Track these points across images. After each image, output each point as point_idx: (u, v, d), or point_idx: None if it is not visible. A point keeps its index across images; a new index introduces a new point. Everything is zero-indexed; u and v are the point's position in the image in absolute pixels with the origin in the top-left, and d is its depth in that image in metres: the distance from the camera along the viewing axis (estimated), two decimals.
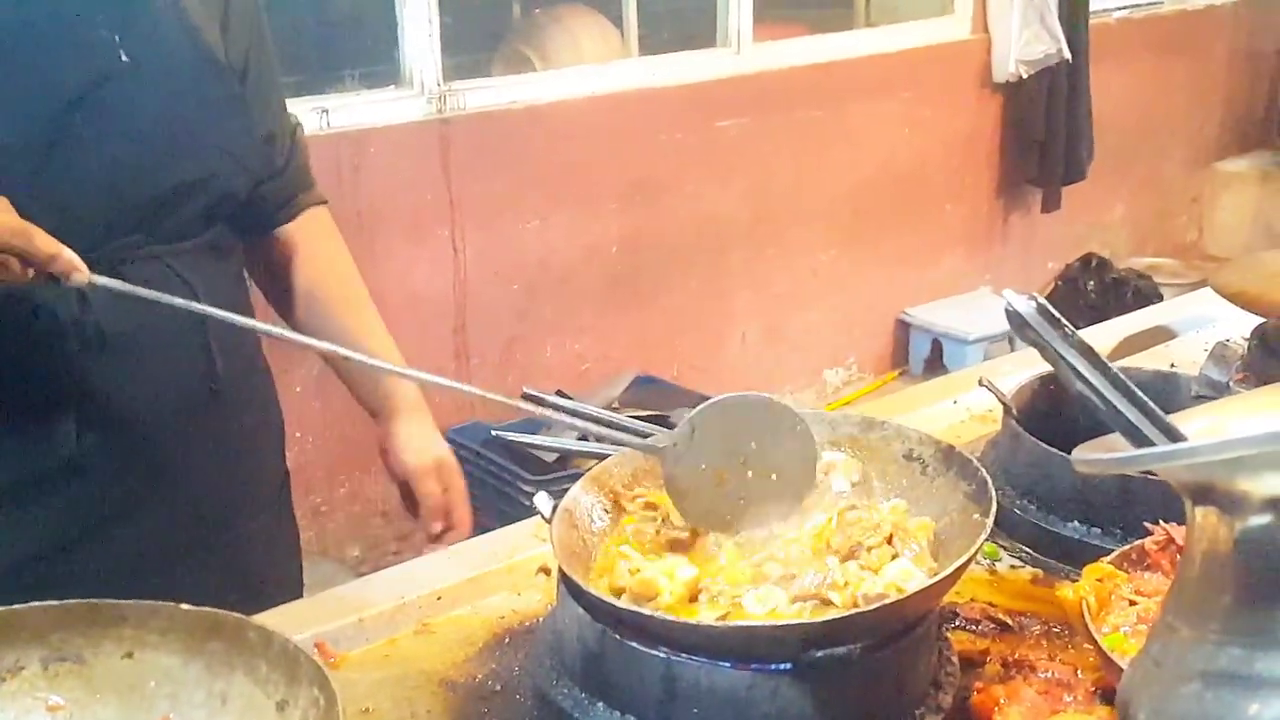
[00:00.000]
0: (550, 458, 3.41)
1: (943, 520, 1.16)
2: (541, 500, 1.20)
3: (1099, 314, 4.74)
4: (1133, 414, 0.64)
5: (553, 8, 4.03)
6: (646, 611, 1.04)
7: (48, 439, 1.24)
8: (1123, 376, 0.66)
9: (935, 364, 4.62)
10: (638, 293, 3.90)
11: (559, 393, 3.60)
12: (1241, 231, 5.51)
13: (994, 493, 1.12)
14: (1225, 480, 0.59)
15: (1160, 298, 4.74)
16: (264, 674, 0.98)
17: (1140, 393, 0.65)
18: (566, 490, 1.21)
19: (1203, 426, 0.73)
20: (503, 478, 3.33)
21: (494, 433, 1.51)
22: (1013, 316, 0.65)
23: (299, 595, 1.54)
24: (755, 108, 4.04)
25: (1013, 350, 4.59)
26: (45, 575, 1.24)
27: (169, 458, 1.31)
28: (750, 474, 1.17)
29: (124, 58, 1.21)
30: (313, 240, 1.50)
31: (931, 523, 1.17)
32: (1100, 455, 0.64)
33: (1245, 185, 5.61)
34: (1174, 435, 0.64)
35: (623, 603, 1.07)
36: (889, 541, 1.13)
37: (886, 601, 1.03)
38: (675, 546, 1.18)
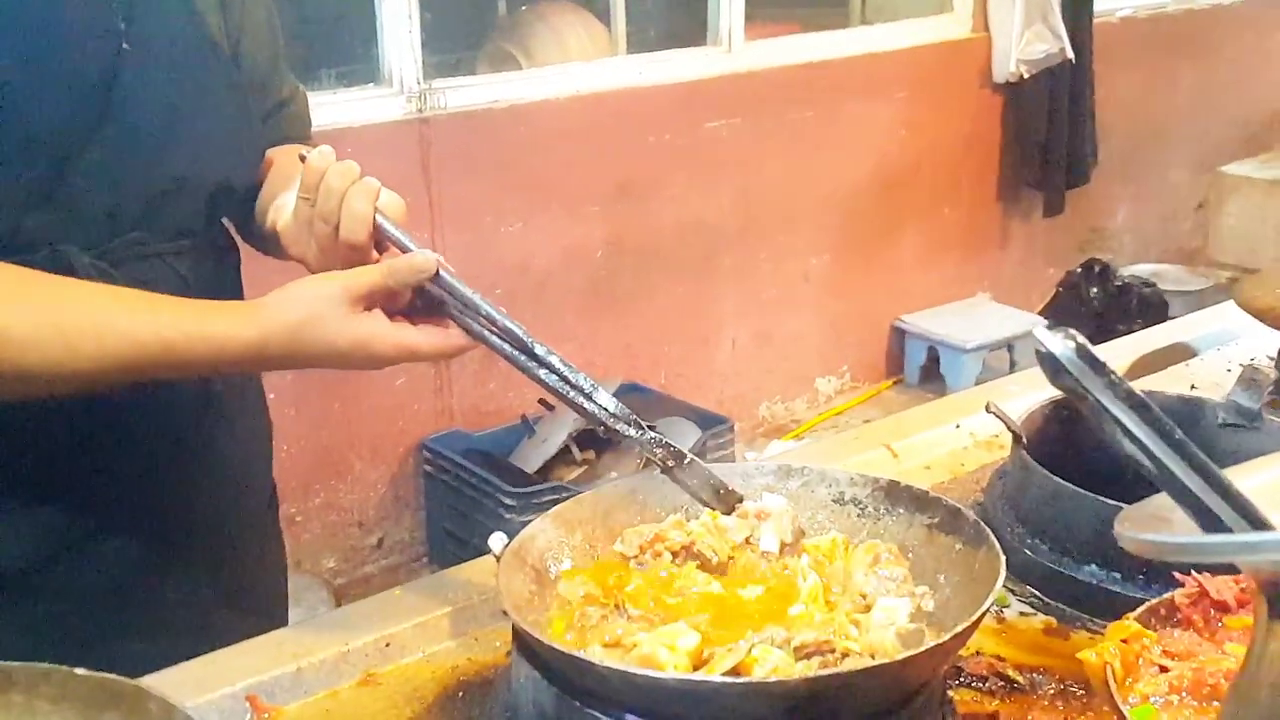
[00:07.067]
0: (531, 469, 3.31)
1: (910, 556, 1.08)
2: (496, 539, 1.08)
3: (1103, 322, 4.63)
4: (1195, 483, 0.51)
5: (539, 5, 3.97)
6: (614, 665, 0.91)
7: (35, 449, 1.17)
8: (1186, 439, 0.52)
9: (931, 372, 4.54)
10: (622, 298, 3.81)
11: (541, 402, 3.49)
12: (1249, 238, 5.40)
13: (973, 516, 1.05)
14: None
15: (1166, 305, 4.65)
16: None
17: (1208, 461, 0.52)
18: (546, 507, 1.11)
19: (1268, 485, 0.60)
20: (482, 489, 3.27)
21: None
22: (1046, 360, 0.52)
23: (285, 613, 1.48)
24: (746, 108, 3.96)
25: (1011, 359, 4.53)
26: (31, 586, 1.18)
27: (160, 469, 1.25)
28: None
29: (125, 46, 1.15)
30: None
31: (877, 543, 1.09)
32: (1157, 537, 0.51)
33: (1253, 190, 5.50)
34: (1254, 518, 0.51)
35: (588, 655, 0.95)
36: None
37: (882, 661, 0.91)
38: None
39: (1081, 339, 0.52)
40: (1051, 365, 0.52)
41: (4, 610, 1.18)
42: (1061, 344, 0.51)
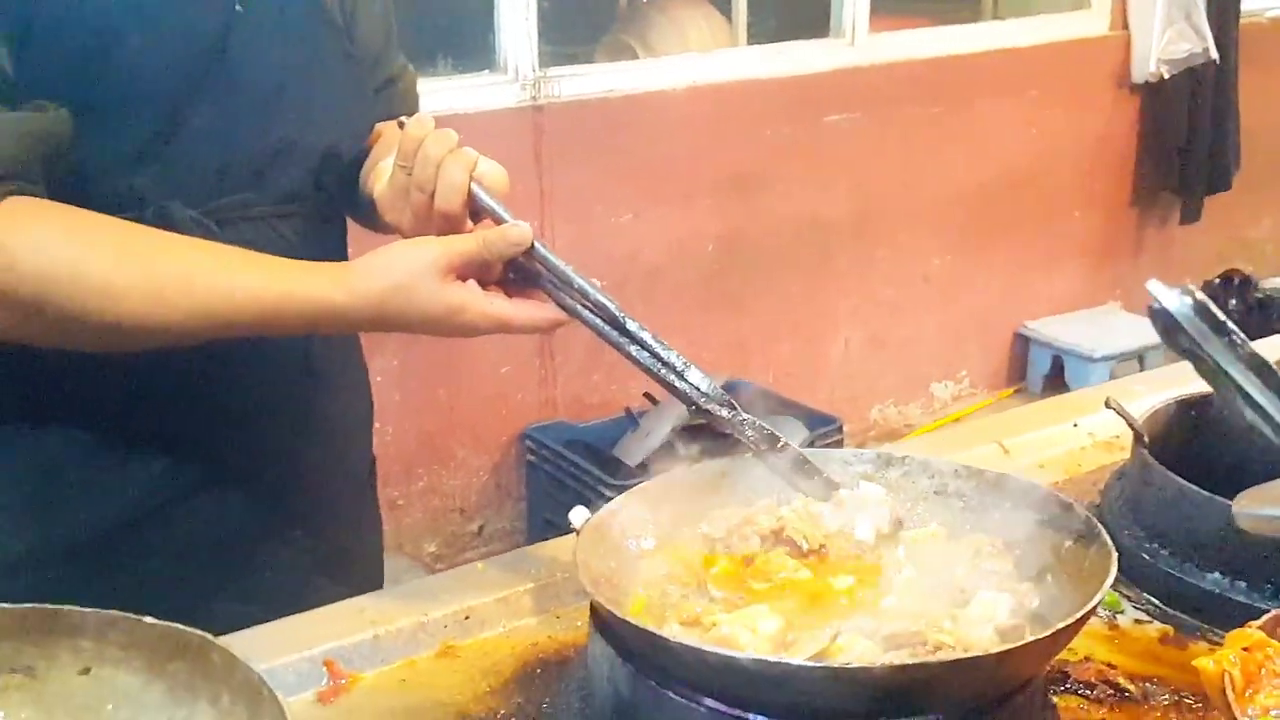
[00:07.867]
0: (634, 462, 3.27)
1: (1015, 553, 1.03)
2: (577, 513, 1.05)
3: None
4: None
5: None
6: (689, 643, 0.87)
7: (139, 403, 1.19)
8: None
9: (1056, 382, 4.37)
10: (733, 293, 3.75)
11: (646, 396, 3.46)
12: None
13: (1085, 512, 1.01)
14: None
15: None
16: (226, 705, 0.85)
17: None
18: None
19: None
20: (584, 480, 3.25)
21: None
22: (1160, 316, 0.46)
23: (379, 586, 1.47)
24: (867, 102, 3.86)
25: (1142, 370, 4.33)
26: (132, 541, 1.21)
27: (261, 432, 1.27)
28: None
29: (238, 7, 1.16)
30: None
31: (980, 536, 1.04)
32: (1276, 512, 0.45)
33: None
34: None
35: (666, 632, 0.91)
36: None
37: (976, 654, 0.85)
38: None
39: (1201, 295, 0.46)
40: (1165, 322, 0.45)
41: (106, 565, 1.19)
42: (1178, 299, 0.45)
